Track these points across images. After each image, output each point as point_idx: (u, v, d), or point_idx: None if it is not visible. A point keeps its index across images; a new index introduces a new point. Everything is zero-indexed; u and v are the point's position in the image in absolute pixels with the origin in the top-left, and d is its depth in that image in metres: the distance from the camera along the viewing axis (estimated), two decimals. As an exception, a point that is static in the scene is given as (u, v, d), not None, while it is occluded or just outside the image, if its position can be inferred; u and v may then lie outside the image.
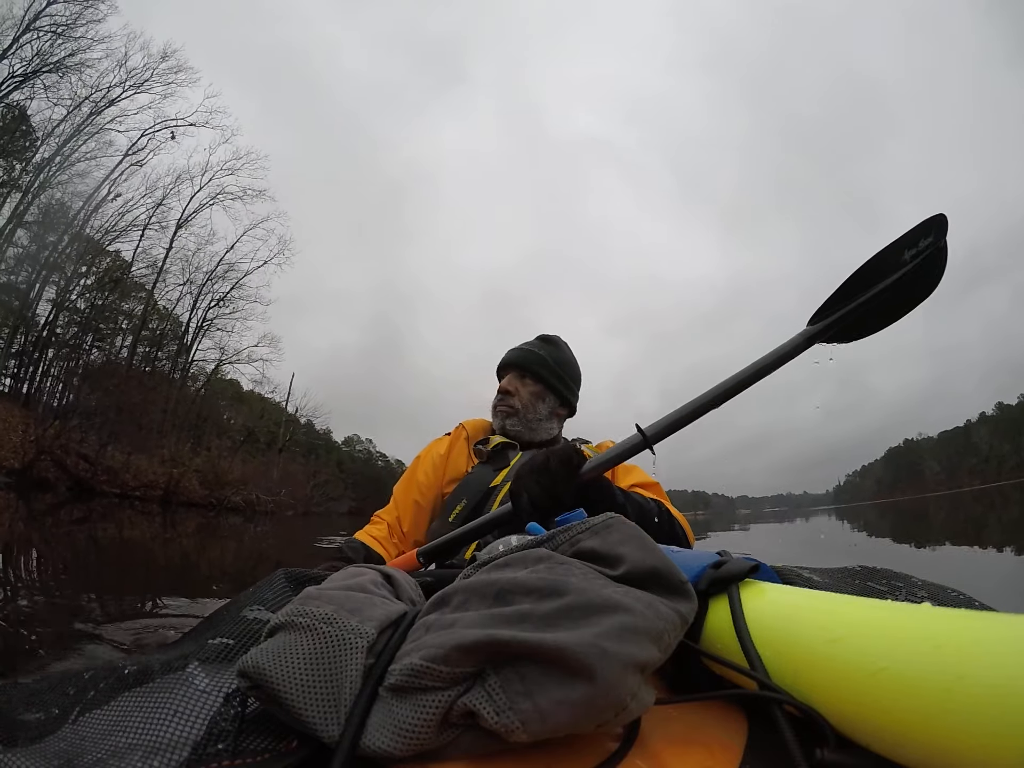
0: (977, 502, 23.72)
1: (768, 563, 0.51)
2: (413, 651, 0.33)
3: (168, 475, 16.73)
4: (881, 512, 25.41)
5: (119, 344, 20.61)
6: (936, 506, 24.78)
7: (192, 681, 0.36)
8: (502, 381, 1.30)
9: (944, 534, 8.64)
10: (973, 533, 8.41)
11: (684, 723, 0.39)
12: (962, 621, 0.29)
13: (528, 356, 1.30)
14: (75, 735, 0.33)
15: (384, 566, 0.49)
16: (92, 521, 8.26)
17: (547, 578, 0.35)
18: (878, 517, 20.19)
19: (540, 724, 0.29)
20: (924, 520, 14.81)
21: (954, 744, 0.25)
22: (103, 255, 19.31)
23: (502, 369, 1.33)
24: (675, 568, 0.37)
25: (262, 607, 0.46)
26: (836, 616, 0.35)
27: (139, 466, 16.03)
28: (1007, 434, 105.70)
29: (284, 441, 26.81)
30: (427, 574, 0.74)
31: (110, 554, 5.10)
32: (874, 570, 0.59)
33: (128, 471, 15.40)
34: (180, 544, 6.89)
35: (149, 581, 3.72)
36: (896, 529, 11.58)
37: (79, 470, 13.98)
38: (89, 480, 14.02)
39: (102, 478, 14.48)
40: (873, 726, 0.30)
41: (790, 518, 28.04)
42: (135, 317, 20.57)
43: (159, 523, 9.80)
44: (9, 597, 2.59)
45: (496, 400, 1.28)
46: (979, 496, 33.29)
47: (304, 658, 0.32)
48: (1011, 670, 0.24)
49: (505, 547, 0.46)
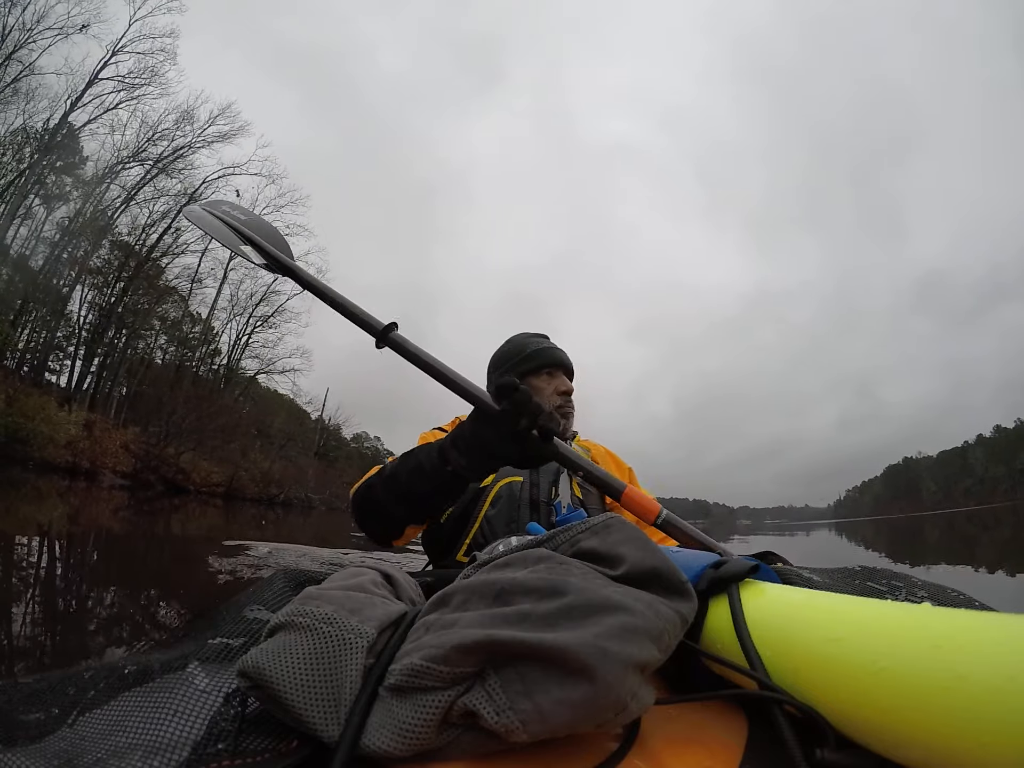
0: (970, 522, 24.25)
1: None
2: (413, 651, 0.33)
3: (229, 475, 20.70)
4: (877, 528, 25.99)
5: (187, 361, 24.11)
6: (931, 525, 25.36)
7: (192, 681, 0.36)
8: (563, 382, 1.27)
9: (937, 554, 8.82)
10: (966, 553, 8.58)
11: (684, 723, 0.39)
12: (962, 621, 0.29)
13: (567, 358, 1.29)
14: (75, 735, 0.33)
15: (384, 565, 0.49)
16: (188, 509, 11.65)
17: (547, 578, 0.35)
18: (874, 533, 20.58)
19: (540, 724, 0.29)
20: (919, 538, 15.13)
21: (954, 744, 0.25)
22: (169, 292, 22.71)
23: (554, 366, 1.29)
24: (675, 568, 0.37)
25: (262, 607, 0.46)
26: (836, 616, 0.35)
27: (208, 468, 20.02)
28: (1002, 456, 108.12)
29: (319, 446, 30.89)
30: (427, 574, 0.74)
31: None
32: (874, 570, 0.59)
33: (197, 472, 19.31)
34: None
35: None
36: (889, 547, 11.80)
37: (170, 473, 18.10)
38: (175, 480, 18.06)
39: (184, 479, 18.47)
40: (873, 726, 0.29)
41: (791, 531, 28.55)
42: (194, 338, 24.18)
43: (225, 513, 12.72)
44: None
45: (561, 401, 1.25)
46: (972, 517, 33.73)
47: (304, 658, 0.32)
48: (1011, 670, 0.24)
49: (505, 547, 0.46)
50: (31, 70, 17.19)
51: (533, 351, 1.31)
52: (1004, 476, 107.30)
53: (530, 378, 1.29)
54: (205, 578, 3.53)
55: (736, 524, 48.66)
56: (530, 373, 1.29)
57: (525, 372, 1.30)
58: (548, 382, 1.28)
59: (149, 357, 22.99)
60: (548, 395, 1.27)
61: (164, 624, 2.30)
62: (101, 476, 15.24)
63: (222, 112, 21.61)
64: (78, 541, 4.74)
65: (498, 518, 1.09)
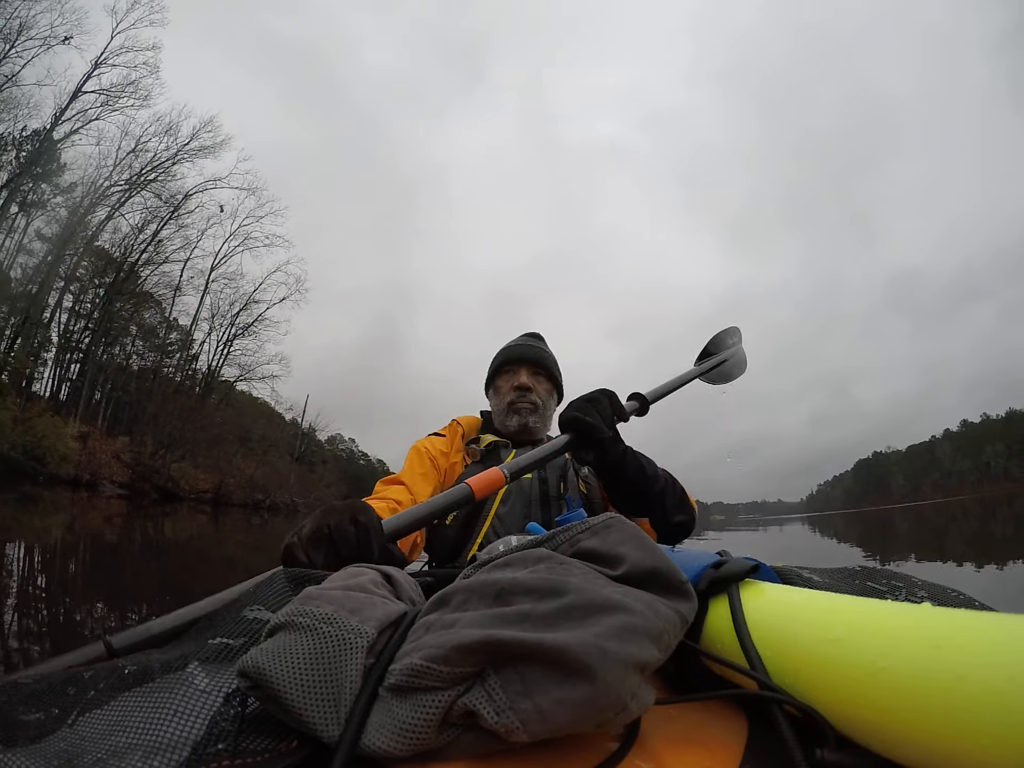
0: (938, 515, 24.86)
1: (768, 563, 0.51)
2: (413, 651, 0.33)
3: (216, 482, 21.50)
4: (848, 522, 26.51)
5: (169, 370, 24.99)
6: (901, 517, 25.85)
7: (192, 681, 0.36)
8: (519, 376, 1.23)
9: (908, 547, 9.21)
10: (935, 546, 9.03)
11: (684, 723, 0.39)
12: (962, 621, 0.29)
13: (539, 353, 1.26)
14: (75, 735, 0.33)
15: (384, 566, 0.49)
16: (183, 515, 12.81)
17: (547, 578, 0.35)
18: (845, 526, 21.08)
19: (540, 724, 0.29)
20: (889, 530, 15.63)
21: (954, 744, 0.25)
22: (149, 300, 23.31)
23: (511, 363, 1.27)
24: (675, 568, 0.37)
25: (262, 607, 0.46)
26: (836, 616, 0.35)
27: (196, 475, 20.91)
28: (968, 451, 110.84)
29: (299, 452, 31.66)
30: (427, 574, 0.74)
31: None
32: (874, 570, 0.59)
33: (186, 480, 20.22)
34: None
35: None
36: (861, 540, 12.28)
37: (162, 481, 19.15)
38: (167, 488, 19.04)
39: (173, 486, 19.33)
40: (873, 726, 0.30)
41: (764, 525, 29.20)
42: (173, 346, 24.91)
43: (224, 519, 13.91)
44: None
45: (515, 396, 1.21)
46: (940, 509, 34.55)
47: (304, 658, 0.32)
48: (1011, 670, 0.24)
49: (505, 547, 0.46)
50: (13, 81, 17.38)
51: (498, 353, 1.32)
52: (971, 469, 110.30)
53: (497, 380, 1.29)
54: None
55: (710, 520, 48.99)
56: (496, 375, 1.29)
57: (493, 376, 1.31)
58: (507, 380, 1.26)
59: (135, 367, 23.68)
60: (505, 393, 1.25)
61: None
62: (101, 486, 16.22)
63: (203, 126, 22.30)
64: (105, 546, 5.97)
65: (510, 515, 1.09)
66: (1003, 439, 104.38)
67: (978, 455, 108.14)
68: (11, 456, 13.64)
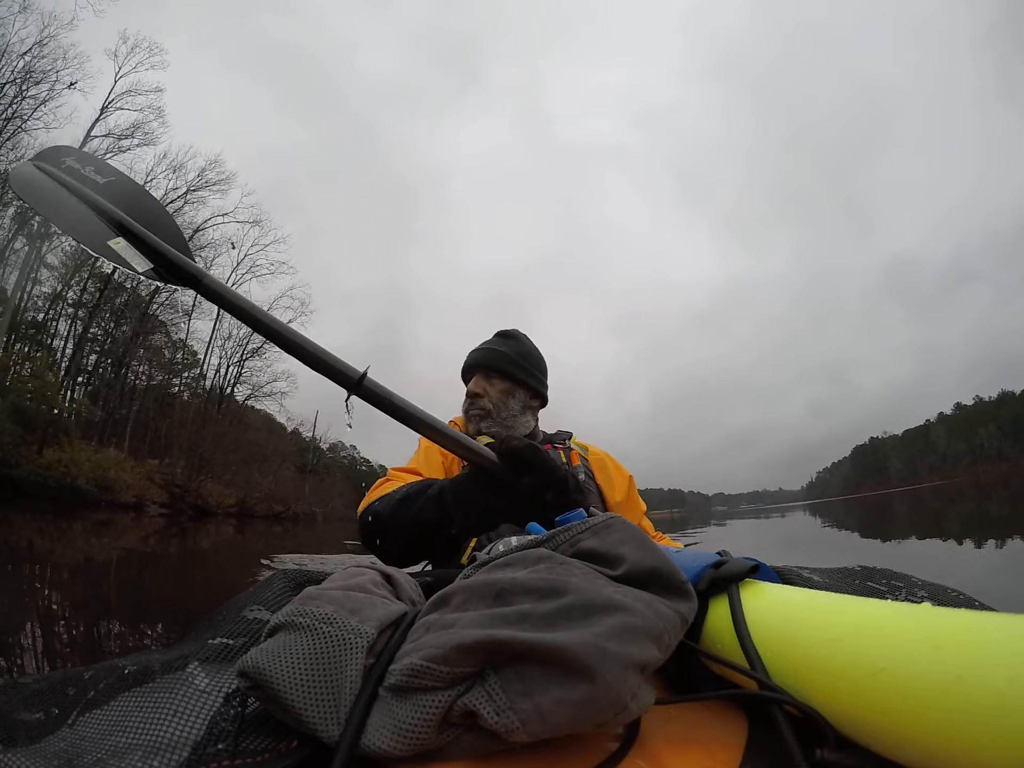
0: (936, 497, 25.39)
1: (768, 563, 0.51)
2: (413, 651, 0.33)
3: (240, 497, 23.67)
4: (849, 507, 26.61)
5: (184, 392, 27.01)
6: (900, 501, 25.96)
7: (192, 681, 0.36)
8: (469, 384, 1.25)
9: (907, 529, 9.51)
10: (934, 527, 9.27)
11: (684, 723, 0.39)
12: (962, 621, 0.29)
13: (489, 354, 1.26)
14: (75, 735, 0.33)
15: (384, 566, 0.49)
16: (216, 529, 14.20)
17: (547, 578, 0.35)
18: (845, 512, 21.31)
19: (540, 724, 0.29)
20: (888, 514, 15.90)
21: (954, 744, 0.25)
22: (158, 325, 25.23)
23: (467, 372, 1.28)
24: (675, 568, 0.37)
25: (262, 607, 0.46)
26: (836, 616, 0.35)
27: (221, 492, 23.07)
28: (962, 433, 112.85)
29: (312, 464, 34.20)
30: (427, 574, 0.74)
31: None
32: (874, 570, 0.59)
33: (213, 496, 22.35)
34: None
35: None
36: (862, 525, 12.49)
37: (194, 499, 21.20)
38: (199, 505, 21.16)
39: (203, 503, 21.38)
40: (873, 726, 0.30)
41: (766, 514, 29.29)
42: (182, 367, 26.82)
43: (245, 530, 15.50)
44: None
45: (466, 404, 1.24)
46: (937, 491, 35.07)
47: (304, 658, 0.32)
48: (1011, 671, 0.24)
49: (505, 547, 0.46)
50: (23, 129, 17.93)
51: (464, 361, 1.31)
52: (965, 451, 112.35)
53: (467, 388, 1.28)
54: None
55: (712, 510, 49.32)
56: (467, 384, 1.28)
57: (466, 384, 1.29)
58: (467, 388, 1.27)
59: (157, 394, 25.21)
60: (464, 401, 1.26)
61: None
62: (147, 507, 18.68)
63: (210, 164, 23.63)
64: (194, 551, 8.00)
65: None
66: (996, 420, 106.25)
67: (971, 437, 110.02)
68: (87, 489, 16.11)
